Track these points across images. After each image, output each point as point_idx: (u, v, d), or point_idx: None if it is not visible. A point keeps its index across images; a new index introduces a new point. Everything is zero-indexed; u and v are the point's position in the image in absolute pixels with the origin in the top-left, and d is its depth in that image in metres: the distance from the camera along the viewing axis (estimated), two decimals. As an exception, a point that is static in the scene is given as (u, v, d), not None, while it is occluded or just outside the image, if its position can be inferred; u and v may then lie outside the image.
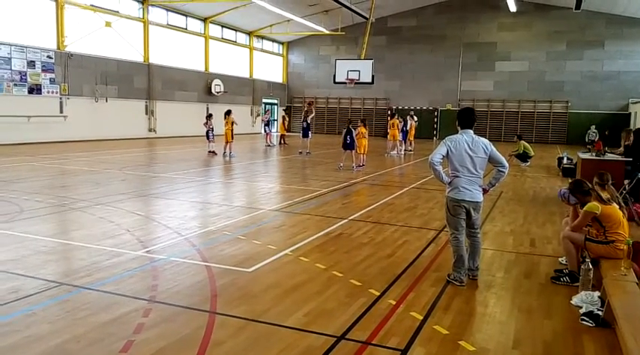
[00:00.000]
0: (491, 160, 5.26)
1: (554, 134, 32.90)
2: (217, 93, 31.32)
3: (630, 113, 30.41)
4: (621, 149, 11.90)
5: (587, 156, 11.93)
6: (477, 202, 5.28)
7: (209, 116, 19.62)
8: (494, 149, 5.26)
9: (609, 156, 11.33)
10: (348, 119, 17.85)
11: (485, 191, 5.37)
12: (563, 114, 32.78)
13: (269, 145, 24.20)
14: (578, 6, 25.67)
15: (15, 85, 20.27)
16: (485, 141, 5.26)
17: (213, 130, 19.07)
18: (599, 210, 5.19)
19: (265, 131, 25.75)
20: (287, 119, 27.93)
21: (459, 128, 5.38)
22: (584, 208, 5.33)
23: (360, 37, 31.72)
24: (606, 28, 31.17)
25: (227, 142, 18.12)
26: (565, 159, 16.39)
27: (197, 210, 9.11)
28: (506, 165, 5.31)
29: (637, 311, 4.07)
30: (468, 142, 5.19)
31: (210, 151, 18.65)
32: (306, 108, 24.43)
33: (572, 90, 32.32)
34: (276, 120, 34.72)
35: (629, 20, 30.41)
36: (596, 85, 31.84)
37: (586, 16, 30.61)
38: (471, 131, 5.30)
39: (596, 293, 4.75)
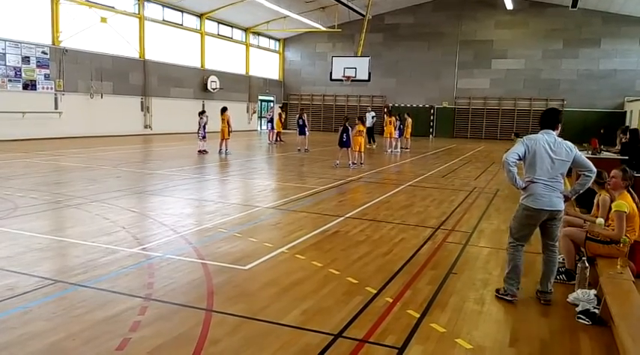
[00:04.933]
0: (576, 164, 4.79)
1: (550, 132, 32.97)
2: (213, 89, 31.24)
3: (626, 111, 30.50)
4: (617, 147, 11.95)
5: (582, 154, 11.97)
6: (559, 211, 4.78)
7: (201, 112, 18.62)
8: (579, 152, 4.79)
9: (605, 155, 11.36)
10: (344, 117, 17.77)
11: (567, 198, 4.85)
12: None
13: (271, 142, 24.13)
14: (574, 4, 25.72)
15: (9, 80, 20.15)
16: (569, 143, 4.77)
17: (205, 127, 18.03)
18: (627, 209, 5.08)
19: (268, 128, 25.69)
20: (283, 116, 27.85)
21: (539, 129, 4.92)
22: (614, 209, 5.13)
23: (356, 34, 31.66)
24: (602, 26, 31.26)
25: (223, 139, 17.99)
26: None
27: (193, 207, 9.10)
28: (594, 169, 4.78)
29: (633, 309, 4.09)
30: (550, 142, 4.69)
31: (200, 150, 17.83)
32: (300, 107, 24.53)
33: (568, 88, 32.39)
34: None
35: (626, 18, 30.48)
36: (592, 84, 31.92)
37: (582, 15, 30.67)
38: (553, 132, 4.80)
39: (593, 291, 4.76)
